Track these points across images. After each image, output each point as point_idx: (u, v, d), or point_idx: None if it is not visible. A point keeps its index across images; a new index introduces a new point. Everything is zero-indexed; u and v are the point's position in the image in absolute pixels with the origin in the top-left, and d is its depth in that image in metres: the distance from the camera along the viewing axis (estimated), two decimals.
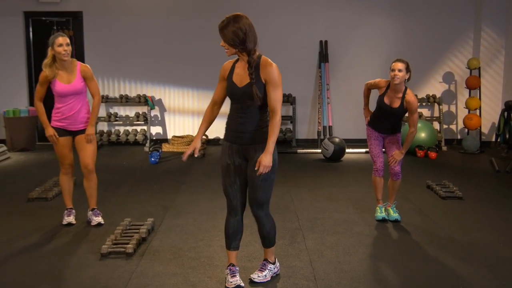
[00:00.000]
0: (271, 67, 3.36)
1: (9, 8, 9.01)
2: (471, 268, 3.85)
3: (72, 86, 4.66)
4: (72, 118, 4.71)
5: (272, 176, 3.39)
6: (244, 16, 3.37)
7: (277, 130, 3.32)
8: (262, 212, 3.46)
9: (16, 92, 9.14)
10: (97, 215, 4.80)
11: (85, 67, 4.75)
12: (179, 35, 9.16)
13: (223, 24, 3.37)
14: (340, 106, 9.34)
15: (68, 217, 4.81)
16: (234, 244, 3.53)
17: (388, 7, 9.20)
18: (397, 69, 4.86)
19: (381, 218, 4.89)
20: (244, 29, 3.33)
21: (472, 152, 8.52)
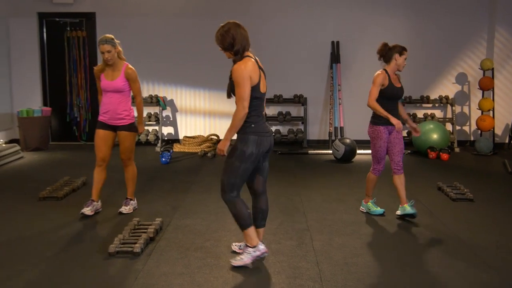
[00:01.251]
0: (234, 67, 3.68)
1: (23, 9, 9.11)
2: (479, 271, 3.80)
3: (113, 84, 4.99)
4: (111, 113, 5.01)
5: (236, 163, 3.71)
6: (233, 23, 3.75)
7: (234, 122, 3.66)
8: (224, 195, 3.81)
9: (30, 92, 9.24)
10: (126, 204, 5.18)
11: (131, 69, 5.08)
12: (191, 36, 9.19)
13: (216, 31, 3.80)
14: (352, 107, 9.30)
15: (86, 207, 5.02)
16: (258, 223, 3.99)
17: (401, 7, 9.15)
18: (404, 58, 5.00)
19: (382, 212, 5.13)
20: (231, 34, 3.68)
21: (485, 154, 8.44)
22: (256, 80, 3.68)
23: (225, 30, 3.71)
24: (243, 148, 3.69)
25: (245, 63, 3.64)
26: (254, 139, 3.70)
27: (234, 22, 3.75)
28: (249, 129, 3.71)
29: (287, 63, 9.27)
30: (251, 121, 3.72)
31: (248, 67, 3.62)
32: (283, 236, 4.48)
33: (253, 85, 3.66)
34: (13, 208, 5.36)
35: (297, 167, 7.41)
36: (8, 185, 6.36)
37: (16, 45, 9.17)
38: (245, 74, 3.60)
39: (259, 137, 3.73)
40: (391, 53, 4.98)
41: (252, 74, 3.64)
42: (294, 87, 9.29)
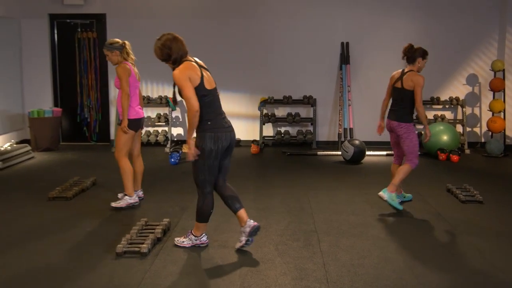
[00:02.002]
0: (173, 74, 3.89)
1: (35, 11, 9.18)
2: (487, 274, 3.78)
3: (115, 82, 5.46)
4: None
5: (200, 161, 3.97)
6: (167, 35, 4.02)
7: (189, 120, 3.89)
8: (199, 190, 4.10)
9: (41, 93, 9.30)
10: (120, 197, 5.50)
11: (118, 67, 5.36)
12: (200, 37, 9.21)
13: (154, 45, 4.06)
14: (361, 108, 9.27)
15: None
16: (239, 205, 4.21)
17: (410, 8, 9.11)
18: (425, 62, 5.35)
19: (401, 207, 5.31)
20: (167, 45, 3.95)
21: (495, 156, 8.37)
22: (197, 79, 3.88)
23: (162, 43, 3.97)
24: (202, 146, 3.93)
25: (180, 68, 3.88)
26: (210, 136, 3.92)
27: (168, 34, 4.02)
28: (206, 126, 3.93)
29: (296, 64, 9.26)
30: (207, 118, 3.93)
31: (184, 70, 3.85)
32: (290, 237, 4.48)
33: (195, 85, 3.86)
34: (23, 207, 5.40)
35: (306, 168, 7.40)
36: (19, 185, 6.41)
37: (27, 46, 9.25)
38: (182, 76, 3.82)
39: (215, 133, 3.94)
40: (415, 55, 5.22)
41: (191, 74, 3.86)
42: (303, 88, 9.28)
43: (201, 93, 3.89)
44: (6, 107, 8.71)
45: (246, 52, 9.25)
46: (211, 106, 3.98)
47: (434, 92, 9.24)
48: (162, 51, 3.96)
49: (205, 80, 3.94)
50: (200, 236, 4.24)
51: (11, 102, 8.94)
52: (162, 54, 3.97)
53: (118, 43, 5.39)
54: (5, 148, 7.74)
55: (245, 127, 9.43)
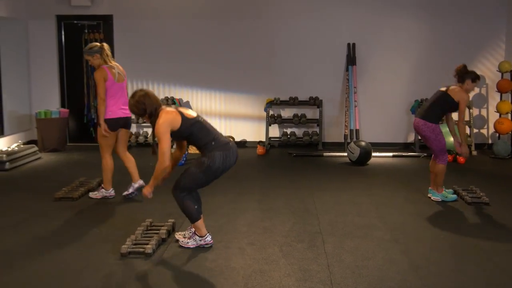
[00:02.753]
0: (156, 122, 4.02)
1: (42, 12, 9.23)
2: (492, 275, 3.76)
3: None
4: None
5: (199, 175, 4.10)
6: (139, 91, 4.12)
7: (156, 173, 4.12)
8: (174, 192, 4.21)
9: (48, 94, 9.35)
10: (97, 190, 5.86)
11: (95, 72, 5.59)
12: (207, 38, 9.23)
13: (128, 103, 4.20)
14: (368, 109, 9.26)
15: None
16: None
17: (417, 9, 9.08)
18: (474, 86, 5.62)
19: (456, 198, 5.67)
20: (141, 101, 4.06)
21: (502, 157, 8.33)
22: (178, 120, 4.02)
23: (136, 101, 4.07)
24: (210, 164, 4.05)
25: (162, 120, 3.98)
26: (220, 154, 4.06)
27: (140, 90, 4.13)
28: (211, 146, 4.08)
29: (302, 65, 9.26)
30: (208, 140, 4.09)
31: (166, 122, 3.97)
32: (294, 239, 4.47)
33: (179, 125, 4.01)
34: (29, 208, 5.43)
35: (311, 170, 7.40)
36: (25, 185, 6.45)
37: (34, 47, 9.30)
38: (163, 130, 3.97)
39: (224, 152, 4.08)
40: (466, 76, 5.50)
41: (172, 122, 4.00)
42: (309, 89, 9.27)
43: (188, 124, 4.05)
44: (14, 108, 8.76)
45: (252, 53, 9.25)
46: (204, 129, 4.12)
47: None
48: (137, 108, 4.08)
49: (185, 114, 4.08)
50: (205, 236, 4.26)
51: (19, 103, 9.00)
52: (138, 110, 4.09)
53: (97, 46, 5.57)
54: (13, 148, 7.78)
55: (251, 128, 9.43)
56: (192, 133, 4.06)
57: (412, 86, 9.20)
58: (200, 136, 4.08)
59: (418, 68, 9.21)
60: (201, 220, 4.24)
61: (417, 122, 5.61)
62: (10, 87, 8.60)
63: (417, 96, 9.10)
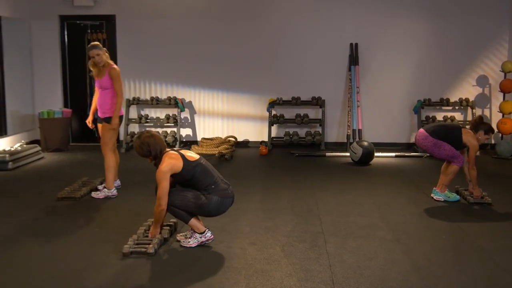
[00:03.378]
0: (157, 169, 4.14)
1: (45, 12, 9.25)
2: (495, 276, 3.76)
3: (100, 81, 5.79)
4: (99, 107, 5.84)
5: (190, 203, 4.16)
6: (145, 133, 4.27)
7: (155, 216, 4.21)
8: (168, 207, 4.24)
9: (51, 93, 9.37)
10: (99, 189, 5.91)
11: (113, 69, 5.73)
12: (210, 38, 9.24)
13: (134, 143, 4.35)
14: (370, 109, 9.25)
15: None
16: None
17: (420, 9, 9.07)
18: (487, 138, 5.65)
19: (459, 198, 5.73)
20: (146, 142, 4.19)
21: (505, 157, 8.32)
22: (180, 164, 4.11)
23: (141, 142, 4.20)
24: (205, 203, 4.15)
25: (164, 165, 4.10)
26: (217, 200, 4.17)
27: (146, 132, 4.28)
28: (211, 189, 4.17)
29: (305, 65, 9.26)
30: (209, 183, 4.18)
31: (167, 167, 4.08)
32: (296, 239, 4.47)
33: (180, 168, 4.11)
34: (32, 207, 5.44)
35: (314, 170, 7.40)
36: (28, 185, 6.46)
37: (37, 47, 9.31)
38: (163, 175, 4.07)
39: (222, 198, 4.20)
40: (480, 127, 5.57)
41: (173, 166, 4.09)
42: (312, 89, 9.27)
43: (192, 166, 4.14)
44: (17, 107, 8.79)
45: (255, 53, 9.26)
46: (206, 172, 4.20)
47: (444, 93, 9.20)
48: (142, 149, 4.20)
49: (187, 157, 4.18)
50: (204, 232, 4.28)
51: (22, 102, 9.02)
52: (142, 151, 4.20)
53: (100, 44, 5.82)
54: (16, 148, 7.80)
55: (254, 128, 9.44)
56: (194, 176, 4.14)
57: (415, 86, 9.19)
58: (202, 179, 4.16)
59: (420, 68, 9.20)
60: (194, 218, 4.26)
61: (420, 134, 5.69)
62: (13, 87, 8.62)
63: (419, 96, 9.09)
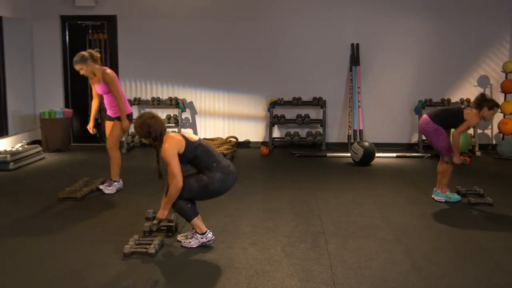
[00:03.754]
0: (162, 149, 4.11)
1: (46, 12, 9.26)
2: (494, 276, 3.76)
3: (98, 88, 5.93)
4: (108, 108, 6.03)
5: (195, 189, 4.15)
6: (147, 114, 4.22)
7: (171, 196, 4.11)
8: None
9: (52, 94, 9.38)
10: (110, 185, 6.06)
11: (106, 74, 5.79)
12: (211, 38, 9.24)
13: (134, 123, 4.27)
14: (371, 110, 9.25)
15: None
16: None
17: (421, 9, 9.07)
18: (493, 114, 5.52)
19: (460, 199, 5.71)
20: (146, 123, 4.13)
21: (506, 158, 8.31)
22: (183, 144, 4.10)
23: (142, 122, 4.15)
24: (208, 183, 4.12)
25: (168, 144, 4.07)
26: (220, 177, 4.14)
27: (148, 113, 4.24)
28: (213, 167, 4.15)
29: (306, 66, 9.26)
30: (212, 161, 4.16)
31: (172, 145, 4.06)
32: (297, 239, 4.48)
33: (183, 149, 4.09)
34: (33, 208, 5.45)
35: (315, 170, 7.40)
36: (29, 185, 6.47)
37: (39, 47, 9.33)
38: (171, 152, 4.04)
39: (224, 175, 4.16)
40: (483, 104, 5.44)
41: (178, 146, 4.08)
42: (313, 90, 9.27)
43: (193, 147, 4.13)
44: (18, 108, 8.80)
45: (256, 53, 9.26)
46: (209, 152, 4.20)
47: (445, 94, 9.19)
48: (142, 129, 4.15)
49: (189, 138, 4.19)
50: (205, 233, 4.28)
51: (23, 103, 9.03)
52: (142, 131, 4.16)
53: (85, 54, 5.79)
54: (17, 148, 7.81)
55: (255, 129, 9.44)
56: (197, 156, 4.14)
57: (416, 86, 9.19)
58: (204, 159, 4.15)
59: (422, 68, 9.20)
60: (198, 217, 4.27)
61: (423, 119, 5.70)
62: (14, 87, 8.63)
63: (421, 97, 9.09)
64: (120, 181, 6.13)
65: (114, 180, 6.08)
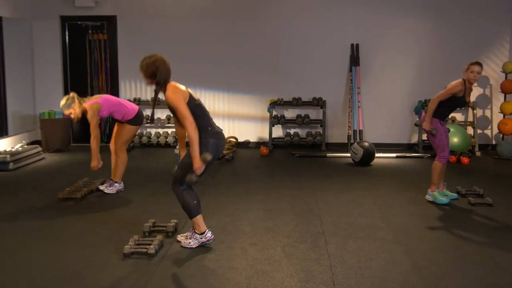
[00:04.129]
0: (167, 96, 4.03)
1: (46, 13, 9.26)
2: (494, 276, 3.75)
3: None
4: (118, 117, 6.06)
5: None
6: (160, 57, 4.10)
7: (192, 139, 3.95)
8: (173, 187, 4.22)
9: (52, 94, 9.37)
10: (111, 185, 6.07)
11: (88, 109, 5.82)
12: (210, 39, 9.24)
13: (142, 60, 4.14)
14: (371, 110, 9.25)
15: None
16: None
17: (421, 10, 9.07)
18: (476, 72, 5.40)
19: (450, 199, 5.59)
20: (156, 65, 4.04)
21: (506, 158, 8.31)
22: (187, 95, 4.05)
23: (152, 61, 4.05)
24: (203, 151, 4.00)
25: (173, 89, 4.03)
26: (213, 142, 4.08)
27: (161, 56, 4.12)
28: (208, 133, 4.08)
29: (306, 66, 9.26)
30: (206, 125, 4.10)
31: (177, 91, 4.02)
32: (297, 239, 4.47)
33: (187, 100, 4.02)
34: (33, 208, 5.45)
35: (315, 170, 7.39)
36: (29, 186, 6.47)
37: (39, 47, 9.33)
38: (177, 96, 3.98)
39: (217, 140, 4.12)
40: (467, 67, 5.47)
41: (183, 93, 4.03)
42: (313, 90, 9.27)
43: (194, 104, 4.08)
44: (18, 108, 8.79)
45: (256, 53, 9.26)
46: (205, 114, 4.17)
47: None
48: (148, 68, 4.06)
49: (192, 94, 4.14)
50: (205, 233, 4.27)
51: (23, 103, 9.02)
52: (147, 70, 4.07)
53: (68, 99, 5.86)
54: (17, 149, 7.81)
55: (255, 129, 9.44)
56: (195, 113, 4.05)
57: (416, 86, 9.19)
58: (201, 119, 4.09)
59: (421, 68, 9.20)
60: (200, 216, 4.26)
61: (423, 117, 5.71)
62: (14, 87, 8.63)
63: (420, 97, 9.08)
64: (121, 183, 6.13)
65: (115, 181, 6.08)
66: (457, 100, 5.51)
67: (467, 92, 5.54)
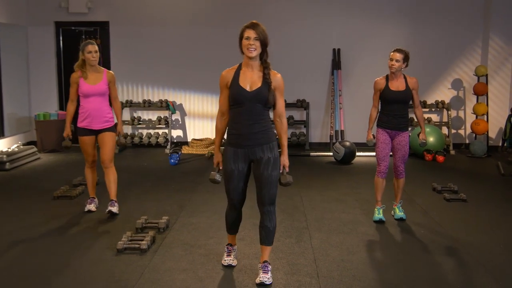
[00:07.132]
0: (280, 76, 3.55)
1: (41, 19, 9.16)
2: (471, 270, 3.79)
3: (96, 88, 4.97)
4: (94, 117, 4.94)
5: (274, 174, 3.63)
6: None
7: (286, 136, 3.60)
8: (273, 206, 3.56)
9: (47, 96, 9.28)
10: (112, 205, 4.97)
11: (111, 74, 5.13)
12: (200, 44, 9.21)
13: (255, 23, 3.53)
14: (352, 111, 9.28)
15: (89, 205, 5.17)
16: (233, 230, 3.77)
17: (399, 16, 9.12)
18: (394, 59, 4.82)
19: (378, 219, 4.82)
20: (266, 33, 3.50)
21: (479, 156, 8.39)
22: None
23: (265, 29, 3.53)
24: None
25: (278, 74, 3.60)
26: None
27: None
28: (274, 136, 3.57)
29: (290, 69, 9.25)
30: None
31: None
32: (282, 234, 4.47)
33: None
34: (29, 206, 5.39)
35: (299, 169, 7.40)
36: (25, 185, 6.40)
37: (34, 52, 9.22)
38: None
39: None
40: None
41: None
42: (297, 92, 9.28)
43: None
44: (14, 110, 8.69)
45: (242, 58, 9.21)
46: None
47: (421, 96, 9.23)
48: (264, 36, 3.51)
49: None
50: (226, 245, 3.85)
51: (18, 105, 8.92)
52: (264, 38, 3.51)
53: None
54: (13, 149, 7.72)
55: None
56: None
57: None
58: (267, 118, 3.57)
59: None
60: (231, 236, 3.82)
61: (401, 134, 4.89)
62: (10, 90, 8.52)
63: None
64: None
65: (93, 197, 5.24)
66: (386, 95, 4.83)
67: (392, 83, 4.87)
